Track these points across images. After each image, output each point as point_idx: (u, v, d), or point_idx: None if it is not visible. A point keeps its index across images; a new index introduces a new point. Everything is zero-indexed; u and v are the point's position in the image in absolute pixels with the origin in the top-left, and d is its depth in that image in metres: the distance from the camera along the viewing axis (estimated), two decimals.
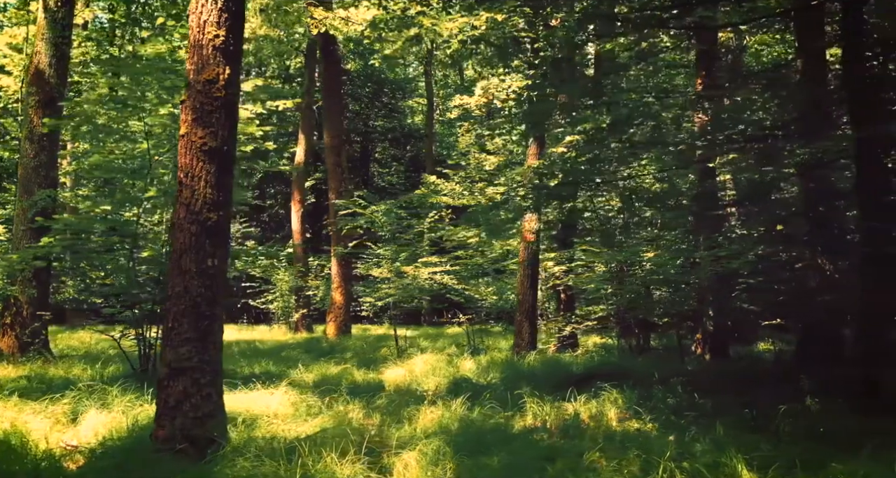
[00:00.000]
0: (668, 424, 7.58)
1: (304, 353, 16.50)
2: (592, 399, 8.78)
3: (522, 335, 13.57)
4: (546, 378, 11.22)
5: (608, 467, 5.67)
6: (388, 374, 12.47)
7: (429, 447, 5.85)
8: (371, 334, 22.95)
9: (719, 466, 5.46)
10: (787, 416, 7.39)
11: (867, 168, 8.61)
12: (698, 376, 10.08)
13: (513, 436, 6.79)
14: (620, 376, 10.76)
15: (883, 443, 5.71)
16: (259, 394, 8.26)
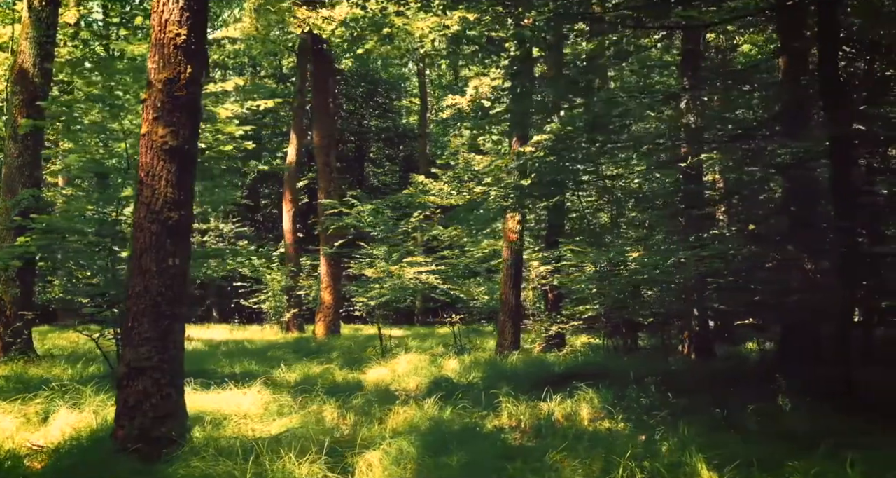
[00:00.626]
0: (639, 423, 7.58)
1: (291, 353, 16.49)
2: (568, 399, 8.78)
3: (506, 335, 13.56)
4: (527, 378, 11.21)
5: (570, 466, 5.66)
6: (371, 374, 12.46)
7: (393, 447, 5.84)
8: (361, 334, 22.94)
9: (681, 465, 5.45)
10: (759, 415, 7.40)
11: (841, 168, 8.62)
12: (677, 376, 10.08)
13: (481, 435, 6.78)
14: (600, 376, 10.76)
15: (844, 442, 5.71)
16: (232, 394, 8.25)
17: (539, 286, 16.86)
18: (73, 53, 19.55)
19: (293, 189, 26.63)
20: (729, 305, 11.21)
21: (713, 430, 6.99)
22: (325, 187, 20.19)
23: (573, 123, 9.02)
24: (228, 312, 32.90)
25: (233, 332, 25.43)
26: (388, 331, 25.15)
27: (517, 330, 13.85)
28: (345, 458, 5.85)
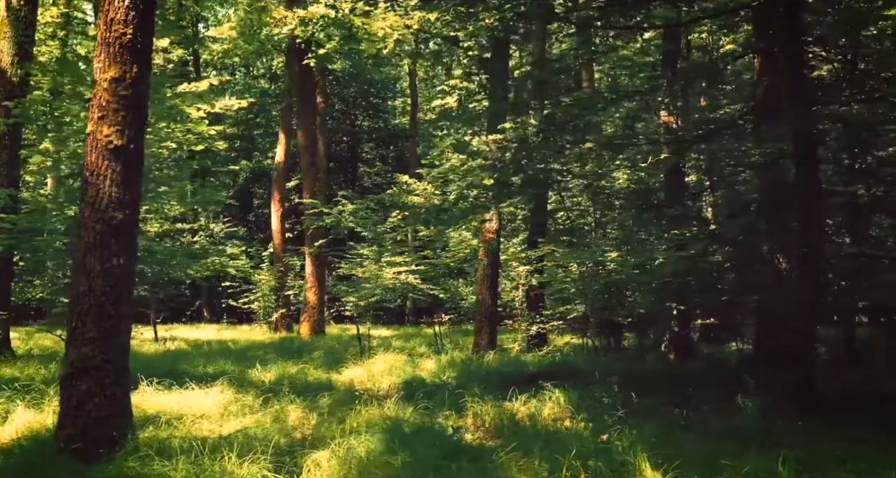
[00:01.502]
0: (600, 423, 7.58)
1: (273, 353, 16.46)
2: (533, 399, 8.78)
3: (482, 335, 13.56)
4: (500, 378, 11.22)
5: (518, 465, 5.67)
6: (347, 374, 12.46)
7: (342, 447, 5.84)
8: (347, 334, 22.89)
9: (625, 464, 5.45)
10: (715, 414, 7.41)
11: (807, 167, 8.62)
12: (645, 376, 10.09)
13: (437, 435, 6.77)
14: (570, 376, 10.78)
15: (789, 440, 5.72)
16: (194, 394, 8.24)
17: (522, 286, 16.83)
18: (51, 53, 19.54)
19: (281, 189, 26.59)
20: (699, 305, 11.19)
21: (669, 429, 6.99)
22: (309, 187, 20.18)
23: (526, 127, 9.01)
24: (220, 312, 32.88)
25: (220, 332, 25.41)
26: (377, 331, 25.23)
27: (494, 330, 13.84)
28: (294, 457, 5.85)
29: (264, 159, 36.54)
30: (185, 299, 32.47)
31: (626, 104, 11.80)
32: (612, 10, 8.25)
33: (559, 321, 15.80)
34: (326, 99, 34.82)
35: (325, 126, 35.67)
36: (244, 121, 39.92)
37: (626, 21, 9.61)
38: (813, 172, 8.52)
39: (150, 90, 5.85)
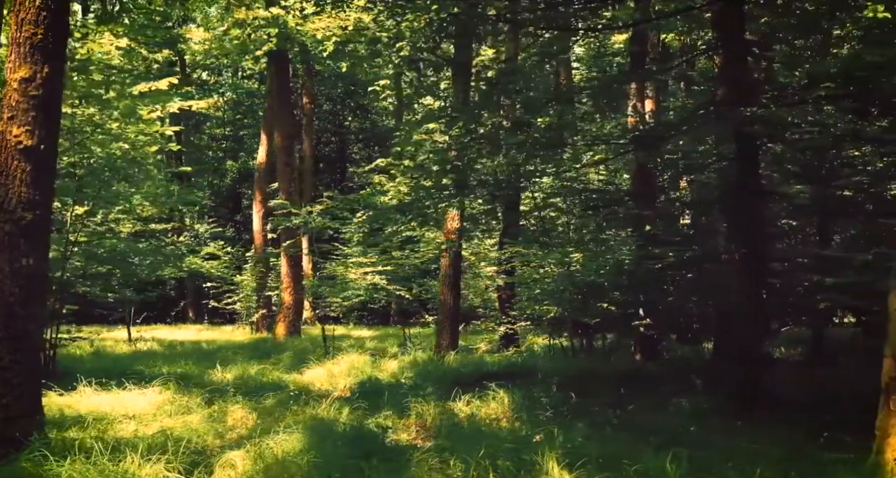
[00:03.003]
0: (534, 423, 7.59)
1: (245, 353, 16.47)
2: (476, 399, 8.78)
3: (444, 336, 13.56)
4: (456, 378, 11.24)
5: (429, 464, 5.66)
6: (308, 374, 12.47)
7: (255, 447, 5.84)
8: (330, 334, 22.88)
9: (534, 463, 5.46)
10: (652, 414, 7.42)
11: (745, 169, 8.63)
12: (595, 377, 10.09)
13: (364, 435, 6.78)
14: (526, 376, 10.80)
15: (701, 440, 5.73)
16: (132, 394, 8.23)
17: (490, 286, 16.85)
18: None
19: (263, 190, 26.57)
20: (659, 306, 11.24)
21: (600, 428, 7.00)
22: (285, 188, 20.19)
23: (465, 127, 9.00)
24: (205, 313, 32.85)
25: (201, 333, 25.38)
26: (358, 332, 25.23)
27: (455, 330, 13.85)
28: (210, 457, 5.85)
29: (250, 160, 36.51)
30: (170, 300, 32.61)
31: (583, 105, 11.80)
32: (553, 13, 8.24)
33: (527, 322, 15.80)
34: (314, 99, 34.87)
35: (311, 126, 35.66)
36: (231, 121, 39.98)
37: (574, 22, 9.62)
38: (753, 172, 8.51)
39: (62, 90, 5.85)
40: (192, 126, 37.76)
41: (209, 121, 40.32)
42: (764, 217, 8.59)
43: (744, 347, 8.84)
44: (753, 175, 8.52)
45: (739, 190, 8.80)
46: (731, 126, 8.16)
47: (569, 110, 10.82)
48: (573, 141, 9.98)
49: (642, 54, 15.36)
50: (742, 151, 8.55)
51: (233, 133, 39.22)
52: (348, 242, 16.39)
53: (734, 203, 8.88)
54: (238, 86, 37.45)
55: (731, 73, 8.41)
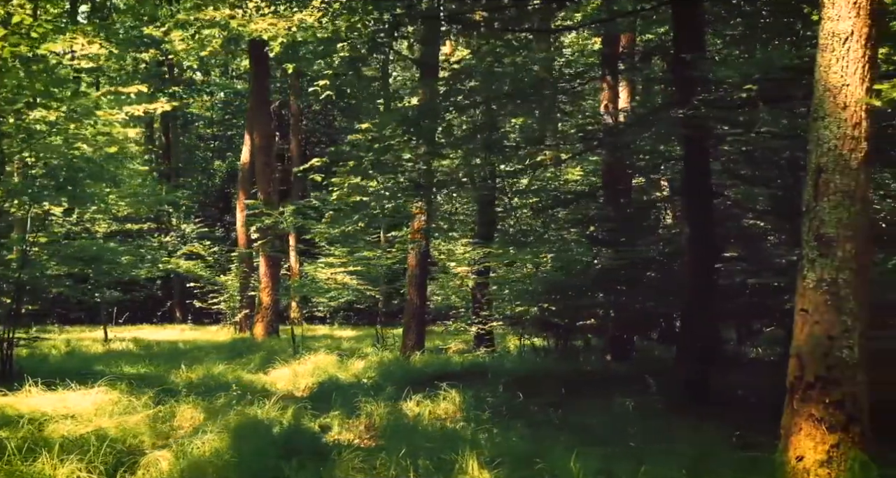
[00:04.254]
0: (479, 421, 7.62)
1: (219, 353, 16.49)
2: (427, 399, 8.80)
3: (410, 336, 13.59)
4: (416, 378, 11.24)
5: (352, 464, 5.68)
6: (274, 374, 12.51)
7: (182, 446, 5.87)
8: (310, 335, 22.94)
9: (454, 462, 5.48)
10: (595, 414, 7.46)
11: (692, 169, 8.65)
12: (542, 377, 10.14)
13: (300, 434, 6.80)
14: (485, 376, 10.83)
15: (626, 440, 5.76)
16: (77, 394, 8.25)
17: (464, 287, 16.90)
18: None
19: (247, 190, 26.54)
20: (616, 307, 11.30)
21: (538, 428, 7.03)
22: (264, 188, 20.20)
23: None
24: (193, 313, 32.84)
25: (184, 332, 25.43)
26: (342, 332, 25.28)
27: (421, 330, 13.89)
28: (138, 457, 5.87)
29: (237, 160, 36.53)
30: (157, 300, 32.61)
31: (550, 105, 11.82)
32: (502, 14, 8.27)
33: (499, 322, 15.84)
34: (301, 100, 34.87)
35: (298, 126, 35.67)
36: (220, 121, 39.99)
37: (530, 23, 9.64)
38: (702, 173, 8.53)
39: None
40: (181, 126, 37.80)
41: (199, 121, 40.37)
42: (715, 217, 8.60)
43: (694, 347, 8.87)
44: (703, 175, 8.54)
45: (689, 190, 8.84)
46: (677, 127, 8.19)
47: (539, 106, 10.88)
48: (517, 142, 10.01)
49: (613, 56, 15.42)
50: (690, 151, 8.57)
51: (221, 133, 39.24)
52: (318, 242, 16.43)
53: (686, 203, 8.91)
54: (226, 86, 37.44)
55: (678, 74, 8.44)
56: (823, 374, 4.73)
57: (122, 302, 23.19)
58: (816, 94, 4.97)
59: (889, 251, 5.57)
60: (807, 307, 4.85)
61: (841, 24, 4.87)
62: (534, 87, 10.38)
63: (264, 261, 20.29)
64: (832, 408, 4.68)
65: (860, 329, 4.74)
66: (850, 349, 4.70)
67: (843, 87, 4.84)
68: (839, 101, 4.84)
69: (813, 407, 4.73)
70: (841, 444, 4.63)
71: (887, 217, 6.81)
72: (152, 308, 31.64)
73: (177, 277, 30.02)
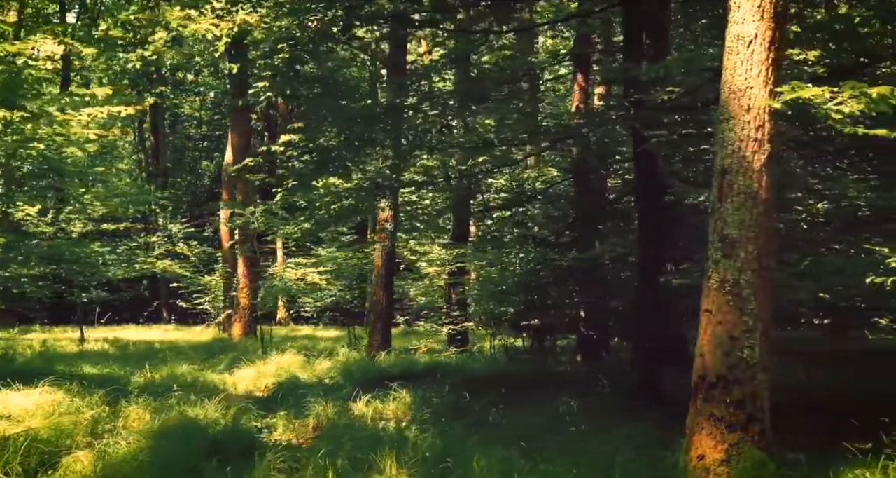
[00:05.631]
0: (421, 421, 7.66)
1: (193, 353, 16.53)
2: (377, 400, 8.84)
3: (375, 336, 13.64)
4: (377, 378, 11.28)
5: (274, 464, 5.72)
6: (239, 374, 12.55)
7: (101, 447, 5.92)
8: (292, 335, 22.98)
9: (372, 462, 5.52)
10: (529, 414, 7.49)
11: (641, 170, 8.69)
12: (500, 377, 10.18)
13: (236, 434, 6.84)
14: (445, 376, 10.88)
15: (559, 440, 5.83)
16: (19, 394, 8.27)
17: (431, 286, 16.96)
18: None
19: (230, 190, 26.60)
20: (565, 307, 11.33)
21: (476, 428, 7.07)
22: (242, 189, 20.24)
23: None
24: (179, 313, 32.86)
25: (168, 332, 25.49)
26: (324, 332, 25.32)
27: (387, 330, 13.93)
28: (61, 456, 5.90)
29: None
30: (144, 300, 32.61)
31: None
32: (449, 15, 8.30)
33: (470, 322, 15.88)
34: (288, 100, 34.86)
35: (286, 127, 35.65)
36: (209, 121, 39.98)
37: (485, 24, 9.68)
38: (652, 174, 8.55)
39: None
40: (169, 126, 37.83)
41: (188, 121, 40.41)
42: (665, 218, 8.62)
43: (645, 347, 8.90)
44: (653, 176, 8.57)
45: (640, 190, 8.88)
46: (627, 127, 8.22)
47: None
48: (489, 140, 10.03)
49: (586, 57, 15.45)
50: (639, 151, 8.60)
51: (210, 133, 39.24)
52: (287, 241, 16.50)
53: (637, 203, 8.94)
54: (214, 86, 37.44)
55: (626, 74, 8.48)
56: (725, 373, 4.77)
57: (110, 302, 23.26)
58: (722, 97, 5.01)
59: (805, 252, 5.60)
60: (710, 308, 4.88)
61: (746, 27, 4.90)
62: (502, 84, 10.46)
63: (242, 261, 20.33)
64: (733, 407, 4.71)
65: (762, 329, 4.77)
66: (750, 349, 4.74)
67: (748, 89, 4.87)
68: (743, 103, 4.88)
69: (714, 406, 4.77)
70: (740, 443, 4.67)
71: (809, 218, 6.84)
72: (139, 308, 31.69)
73: (164, 277, 30.05)
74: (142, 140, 38.08)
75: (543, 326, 14.79)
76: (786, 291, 5.44)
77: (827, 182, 6.79)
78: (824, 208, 6.66)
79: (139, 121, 37.39)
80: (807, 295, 5.42)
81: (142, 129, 37.85)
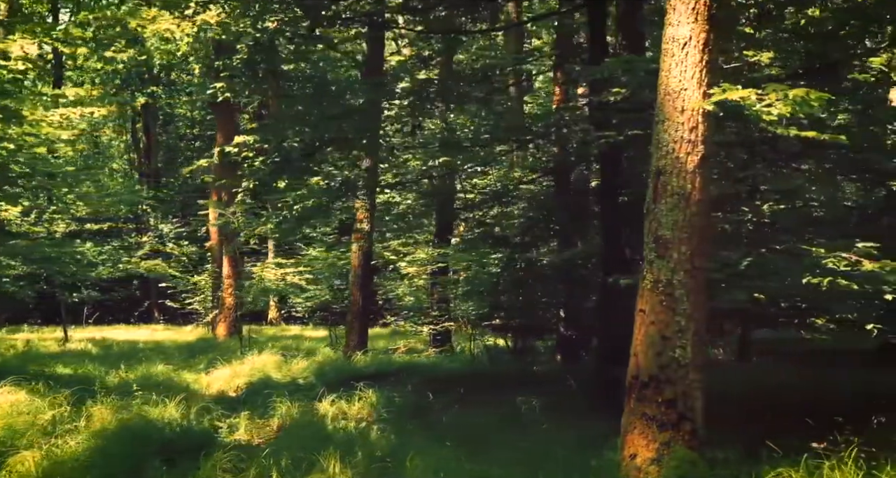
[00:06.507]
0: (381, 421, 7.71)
1: (174, 353, 16.59)
2: (342, 400, 8.86)
3: (352, 336, 13.67)
4: (350, 378, 11.26)
5: (220, 464, 5.75)
6: (214, 374, 12.58)
7: (46, 446, 5.96)
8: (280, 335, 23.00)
9: (314, 461, 5.56)
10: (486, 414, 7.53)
11: (605, 170, 8.72)
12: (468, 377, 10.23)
13: (190, 435, 6.86)
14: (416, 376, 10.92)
15: None
16: None
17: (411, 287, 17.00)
18: None
19: (219, 190, 26.62)
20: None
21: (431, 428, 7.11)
22: (227, 189, 20.24)
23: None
24: (169, 312, 32.88)
25: (156, 332, 25.49)
26: (313, 332, 25.34)
27: (364, 331, 13.95)
28: (7, 456, 5.93)
29: None
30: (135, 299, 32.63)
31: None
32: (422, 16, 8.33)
33: (450, 322, 15.91)
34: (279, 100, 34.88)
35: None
36: (201, 121, 39.98)
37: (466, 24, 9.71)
38: (614, 175, 8.59)
39: None
40: (161, 126, 37.86)
41: (181, 120, 40.42)
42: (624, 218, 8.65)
43: (608, 347, 8.93)
44: (614, 176, 8.61)
45: (603, 190, 8.92)
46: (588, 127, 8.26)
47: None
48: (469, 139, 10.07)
49: (563, 55, 15.48)
50: (605, 152, 8.63)
51: (202, 133, 39.22)
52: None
53: (600, 204, 8.99)
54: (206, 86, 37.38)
55: (587, 75, 8.51)
56: (657, 373, 4.80)
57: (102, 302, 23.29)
58: (658, 98, 5.04)
59: (747, 252, 5.62)
60: (644, 308, 4.91)
61: (680, 29, 4.93)
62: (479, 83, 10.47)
63: (227, 261, 20.38)
64: (664, 407, 4.74)
65: (694, 329, 4.80)
66: (682, 349, 4.77)
67: (682, 91, 4.90)
68: (677, 105, 4.91)
69: (647, 406, 4.80)
70: (671, 442, 4.69)
71: (756, 219, 6.86)
72: (131, 308, 31.71)
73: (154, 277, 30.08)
74: (135, 140, 38.07)
75: (523, 326, 14.85)
76: (723, 292, 5.46)
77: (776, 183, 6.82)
78: (771, 209, 6.69)
79: (132, 121, 37.40)
80: (743, 296, 5.45)
81: (134, 128, 37.85)
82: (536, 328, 15.71)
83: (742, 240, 6.46)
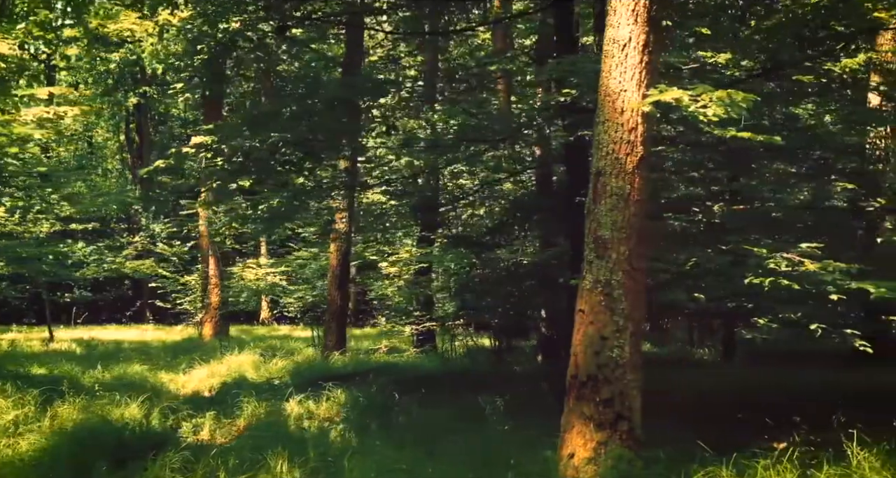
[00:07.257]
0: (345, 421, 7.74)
1: (164, 354, 16.61)
2: (310, 400, 8.89)
3: (330, 336, 13.69)
4: (325, 378, 11.28)
5: (170, 464, 5.76)
6: (193, 374, 12.63)
7: None
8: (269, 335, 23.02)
9: (264, 462, 5.58)
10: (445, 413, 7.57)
11: (571, 168, 8.74)
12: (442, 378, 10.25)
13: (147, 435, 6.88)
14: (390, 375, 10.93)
15: None
16: None
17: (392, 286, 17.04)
18: None
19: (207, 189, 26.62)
20: None
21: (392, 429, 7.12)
22: None
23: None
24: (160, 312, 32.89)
25: (146, 332, 25.51)
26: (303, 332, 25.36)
27: (342, 331, 13.98)
28: None
29: None
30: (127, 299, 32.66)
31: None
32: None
33: (433, 322, 15.93)
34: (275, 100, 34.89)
35: None
36: (195, 120, 39.97)
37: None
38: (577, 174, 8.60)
39: None
40: (154, 126, 37.88)
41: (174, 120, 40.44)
42: None
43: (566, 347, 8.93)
44: (575, 175, 8.63)
45: (568, 189, 8.94)
46: None
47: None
48: None
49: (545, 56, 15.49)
50: (569, 150, 8.66)
51: (196, 133, 39.23)
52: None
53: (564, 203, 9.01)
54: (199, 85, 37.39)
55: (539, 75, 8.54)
56: (595, 373, 4.82)
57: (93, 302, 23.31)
58: (599, 99, 5.06)
59: (693, 253, 5.64)
60: (584, 308, 4.94)
61: (620, 30, 4.95)
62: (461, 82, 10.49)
63: (213, 261, 20.40)
64: (601, 406, 4.77)
65: (632, 329, 4.82)
66: (620, 349, 4.79)
67: (622, 92, 4.92)
68: (617, 106, 4.93)
69: (585, 405, 4.82)
70: (609, 441, 4.72)
71: (704, 219, 6.88)
72: (123, 308, 31.74)
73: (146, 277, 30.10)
74: (128, 140, 38.09)
75: (504, 326, 14.88)
76: (665, 292, 5.48)
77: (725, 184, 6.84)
78: (721, 210, 6.71)
79: (126, 121, 37.42)
80: (683, 296, 5.47)
81: (128, 128, 37.86)
82: (518, 328, 15.77)
83: (690, 240, 6.47)
